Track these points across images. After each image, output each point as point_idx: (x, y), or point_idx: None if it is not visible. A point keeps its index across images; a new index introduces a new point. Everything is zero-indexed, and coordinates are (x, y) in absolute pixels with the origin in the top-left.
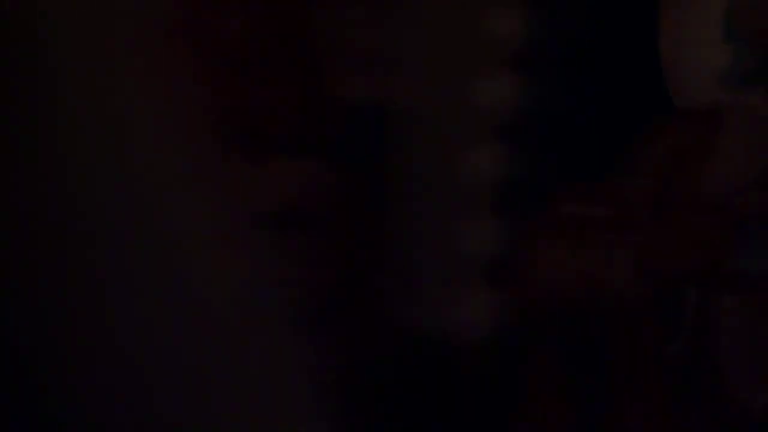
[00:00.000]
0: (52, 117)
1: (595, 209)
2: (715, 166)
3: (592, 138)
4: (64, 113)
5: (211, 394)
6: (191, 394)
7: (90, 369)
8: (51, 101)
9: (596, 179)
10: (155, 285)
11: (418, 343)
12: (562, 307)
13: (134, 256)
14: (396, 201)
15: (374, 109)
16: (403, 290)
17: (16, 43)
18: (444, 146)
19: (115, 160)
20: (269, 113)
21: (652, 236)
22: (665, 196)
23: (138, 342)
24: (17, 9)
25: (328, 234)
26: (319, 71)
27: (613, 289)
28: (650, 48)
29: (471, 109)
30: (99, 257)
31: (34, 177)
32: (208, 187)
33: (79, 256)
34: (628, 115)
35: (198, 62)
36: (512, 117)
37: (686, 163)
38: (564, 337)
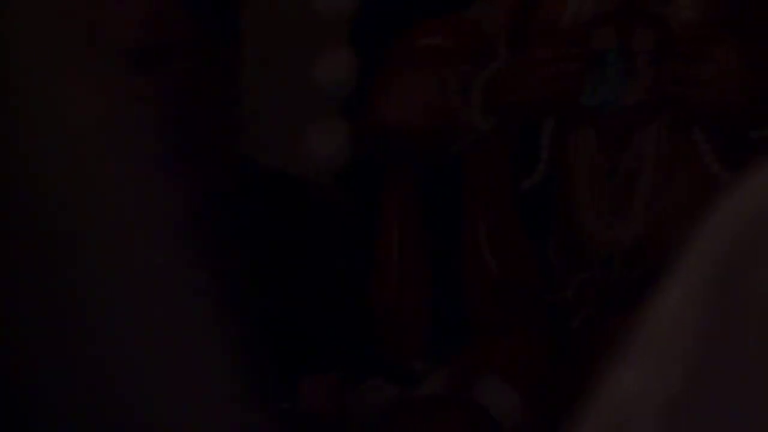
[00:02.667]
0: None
1: (449, 41)
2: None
3: None
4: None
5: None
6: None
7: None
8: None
9: (452, 12)
10: None
11: (270, 176)
12: (416, 138)
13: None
14: (250, 34)
15: None
16: (256, 124)
17: None
18: None
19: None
20: None
21: (509, 66)
22: (521, 29)
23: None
24: None
25: (181, 70)
26: None
27: (467, 121)
28: None
29: None
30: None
31: None
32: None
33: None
34: None
35: None
36: None
37: None
38: (418, 170)
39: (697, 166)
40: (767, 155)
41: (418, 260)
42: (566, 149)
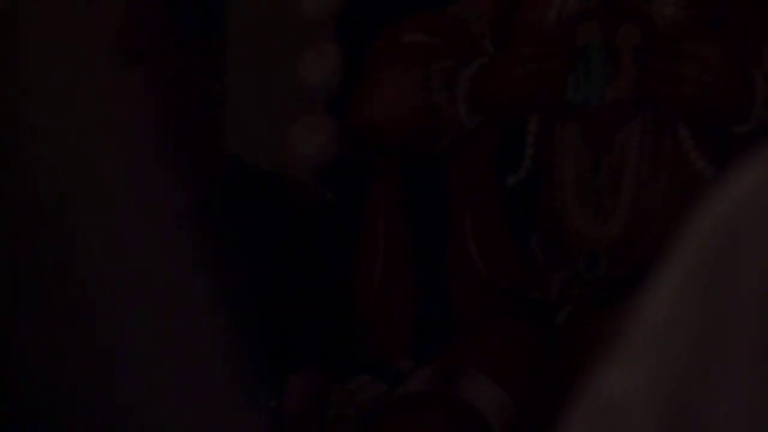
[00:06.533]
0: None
1: (433, 39)
2: None
3: None
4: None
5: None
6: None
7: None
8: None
9: (436, 9)
10: None
11: (255, 175)
12: (401, 136)
13: None
14: (235, 32)
15: None
16: (241, 123)
17: None
18: None
19: None
20: None
21: (493, 63)
22: (505, 25)
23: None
24: None
25: (164, 69)
26: None
27: (452, 118)
28: None
29: None
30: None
31: None
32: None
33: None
34: None
35: None
36: None
37: None
38: (403, 168)
39: (682, 162)
40: (751, 151)
41: (403, 258)
42: (551, 146)
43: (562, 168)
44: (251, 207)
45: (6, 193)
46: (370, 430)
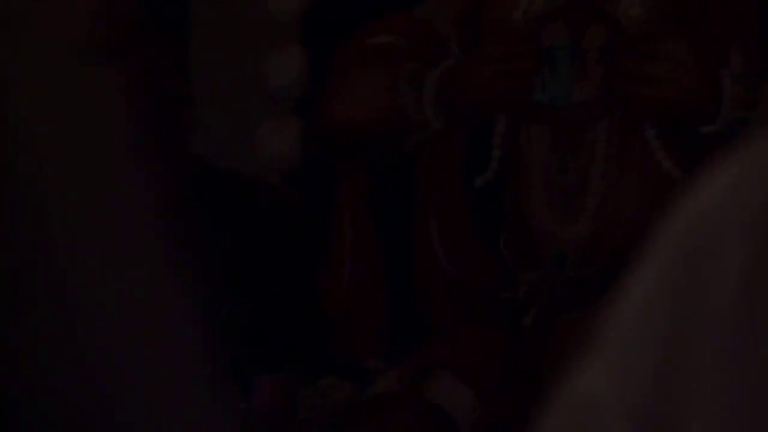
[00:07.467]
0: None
1: (400, 40)
2: None
3: None
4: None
5: None
6: None
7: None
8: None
9: (402, 10)
10: None
11: (221, 176)
12: (368, 137)
13: None
14: (201, 33)
15: None
16: (208, 122)
17: None
18: None
19: None
20: None
21: (460, 64)
22: (472, 26)
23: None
24: None
25: (131, 67)
26: None
27: (419, 119)
28: None
29: None
30: None
31: None
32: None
33: None
34: None
35: None
36: None
37: None
38: (370, 169)
39: (649, 163)
40: (718, 151)
41: (371, 258)
42: (518, 147)
43: (530, 169)
44: (218, 208)
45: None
46: (339, 431)
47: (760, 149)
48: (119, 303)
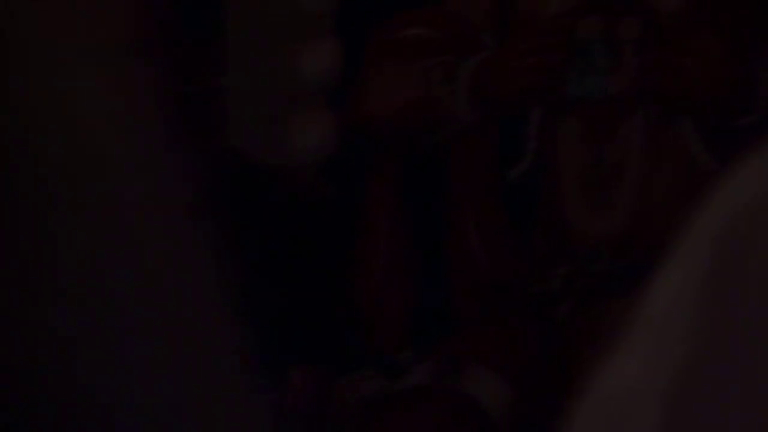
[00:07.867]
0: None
1: (433, 32)
2: None
3: None
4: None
5: None
6: None
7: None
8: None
9: (435, 3)
10: None
11: (255, 169)
12: (401, 129)
13: None
14: (229, 25)
15: None
16: (241, 116)
17: None
18: None
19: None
20: None
21: (494, 57)
22: (505, 18)
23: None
24: None
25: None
26: None
27: (452, 112)
28: None
29: None
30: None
31: None
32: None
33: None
34: None
35: None
36: None
37: None
38: (403, 161)
39: (684, 156)
40: (753, 143)
41: (403, 251)
42: (553, 140)
43: (564, 162)
44: (251, 201)
45: (10, 187)
46: (371, 424)
47: None
48: (148, 293)
